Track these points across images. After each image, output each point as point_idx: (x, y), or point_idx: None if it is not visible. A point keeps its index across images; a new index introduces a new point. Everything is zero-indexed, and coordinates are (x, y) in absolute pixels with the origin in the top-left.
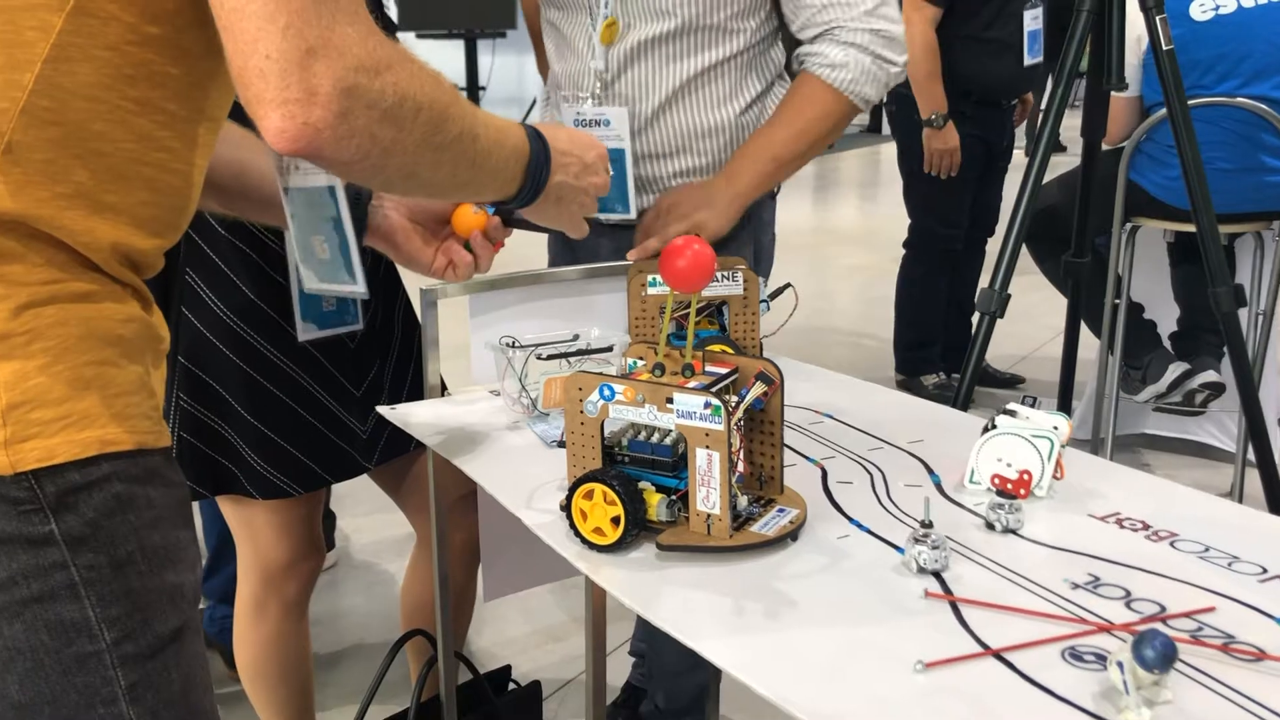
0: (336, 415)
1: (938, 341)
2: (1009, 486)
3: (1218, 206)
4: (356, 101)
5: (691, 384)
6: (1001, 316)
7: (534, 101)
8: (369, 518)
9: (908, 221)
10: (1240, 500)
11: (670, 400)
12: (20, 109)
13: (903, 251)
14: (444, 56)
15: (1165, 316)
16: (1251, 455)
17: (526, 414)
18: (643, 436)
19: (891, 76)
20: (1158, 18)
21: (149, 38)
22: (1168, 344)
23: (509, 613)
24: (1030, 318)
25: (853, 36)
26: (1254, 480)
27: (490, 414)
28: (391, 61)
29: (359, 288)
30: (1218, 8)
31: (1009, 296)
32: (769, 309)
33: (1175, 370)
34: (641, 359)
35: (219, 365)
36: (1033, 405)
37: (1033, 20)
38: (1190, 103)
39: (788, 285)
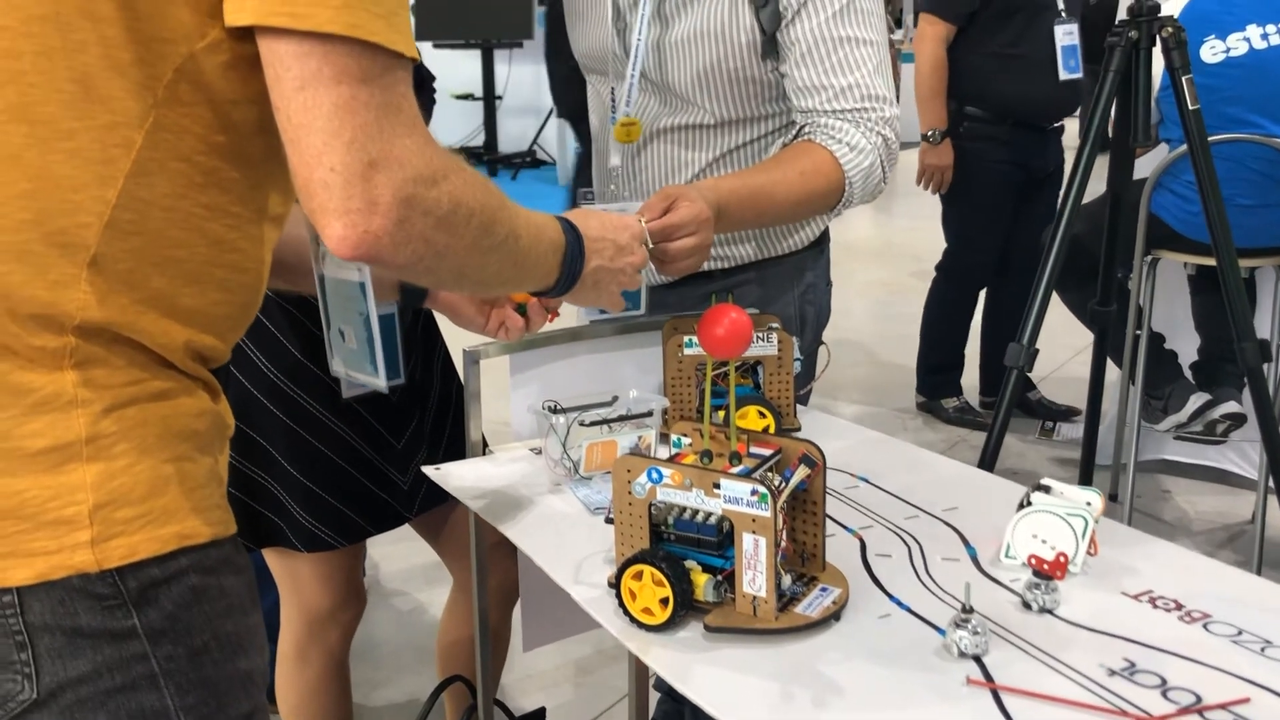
0: (378, 468)
1: (961, 366)
2: (1045, 567)
3: (1238, 241)
4: (414, 210)
5: (736, 469)
6: (1030, 371)
7: (550, 111)
8: (396, 545)
9: (925, 236)
10: (1263, 528)
11: (717, 485)
12: (105, 223)
13: (919, 266)
14: (461, 66)
15: (1185, 342)
16: (1273, 483)
17: (568, 477)
18: (688, 515)
19: (879, 185)
20: (1184, 78)
21: (217, 146)
22: (1188, 373)
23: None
24: (1050, 336)
25: (875, 128)
26: (1274, 509)
27: (532, 474)
28: (447, 171)
29: (380, 382)
30: (1228, 50)
31: (1037, 351)
32: (802, 368)
33: (1196, 401)
34: (686, 436)
35: (267, 423)
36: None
37: (1066, 35)
38: (1211, 139)
39: (822, 343)
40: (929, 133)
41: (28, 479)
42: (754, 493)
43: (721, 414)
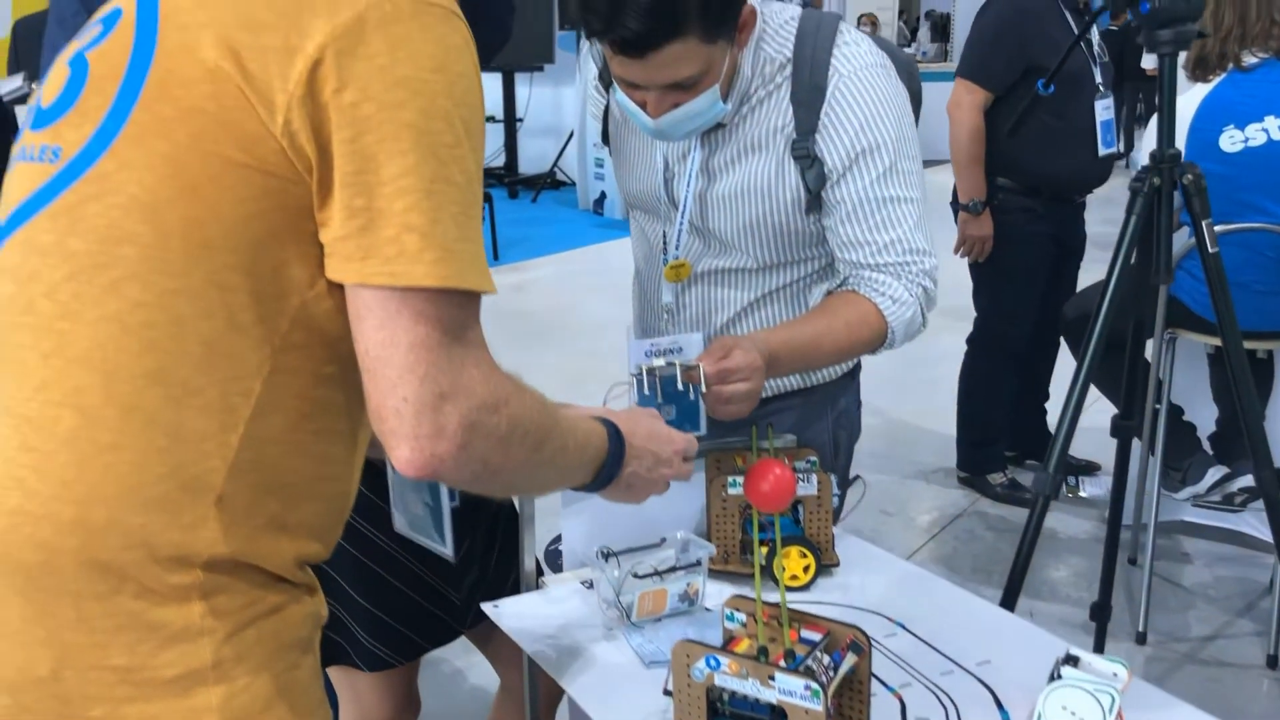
0: (436, 588)
1: (1002, 438)
2: None
3: (1254, 324)
4: (477, 435)
5: (785, 662)
6: (1055, 499)
7: (570, 133)
8: None
9: (954, 285)
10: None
11: (772, 678)
12: (230, 465)
13: (944, 312)
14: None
15: (1204, 409)
16: None
17: (621, 623)
18: (741, 694)
19: (919, 330)
20: (1204, 223)
21: (325, 378)
22: (1206, 445)
23: None
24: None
25: (916, 279)
26: None
27: (585, 613)
28: (508, 396)
29: (448, 552)
30: (1246, 140)
31: (1062, 479)
32: (840, 502)
33: (1215, 474)
34: (739, 611)
35: (336, 554)
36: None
37: (1104, 110)
38: (1219, 228)
39: (857, 477)
40: (969, 203)
41: (161, 704)
42: (807, 688)
43: (764, 549)
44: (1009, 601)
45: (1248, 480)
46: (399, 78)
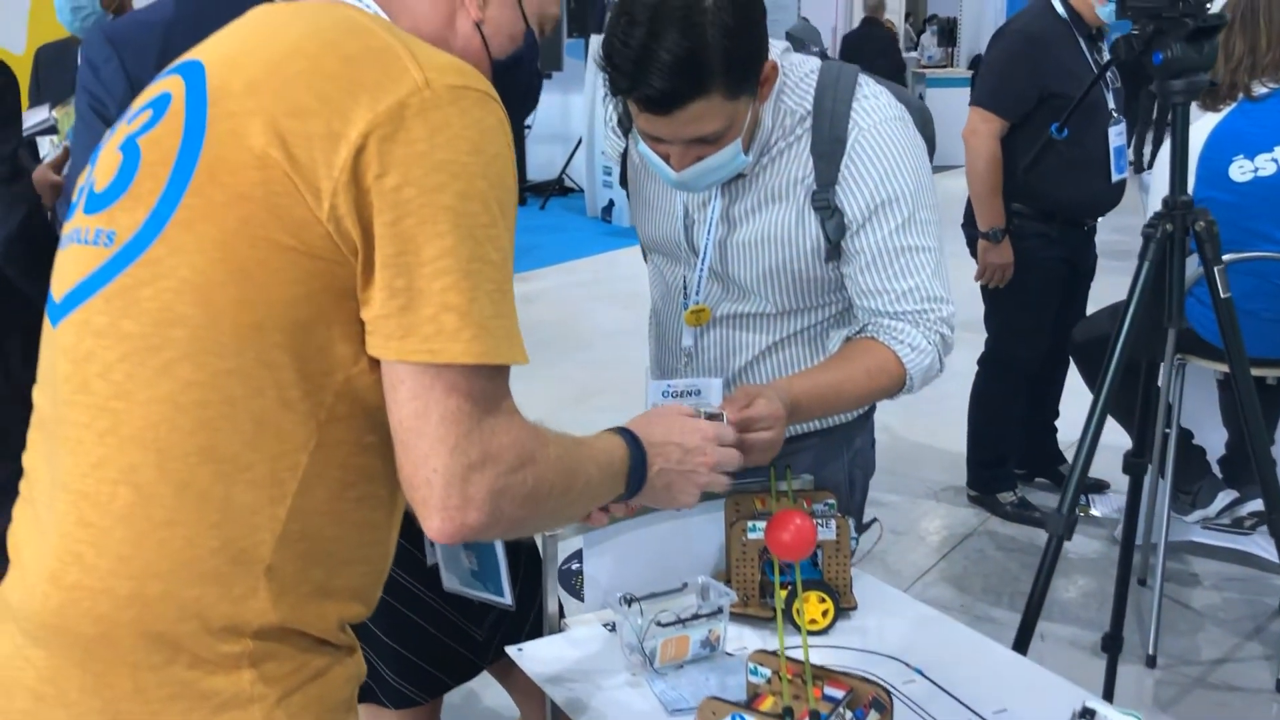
0: (460, 627)
1: (1012, 458)
2: None
3: (1264, 351)
4: (504, 499)
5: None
6: (1069, 539)
7: (579, 140)
8: None
9: (963, 297)
10: None
11: None
12: (277, 537)
13: (961, 340)
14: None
15: (1213, 432)
16: None
17: (644, 669)
18: None
19: (936, 375)
20: (1216, 269)
21: (367, 446)
22: (1216, 468)
23: None
24: (1075, 400)
25: (934, 327)
26: None
27: (608, 657)
28: (534, 454)
29: (506, 600)
30: (1256, 170)
31: (1076, 520)
32: (858, 543)
33: (1225, 499)
34: (763, 666)
35: None
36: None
37: (1117, 136)
38: (1229, 257)
39: (874, 520)
40: (989, 231)
41: None
42: None
43: (784, 593)
44: (1023, 642)
45: (1257, 504)
46: (438, 162)
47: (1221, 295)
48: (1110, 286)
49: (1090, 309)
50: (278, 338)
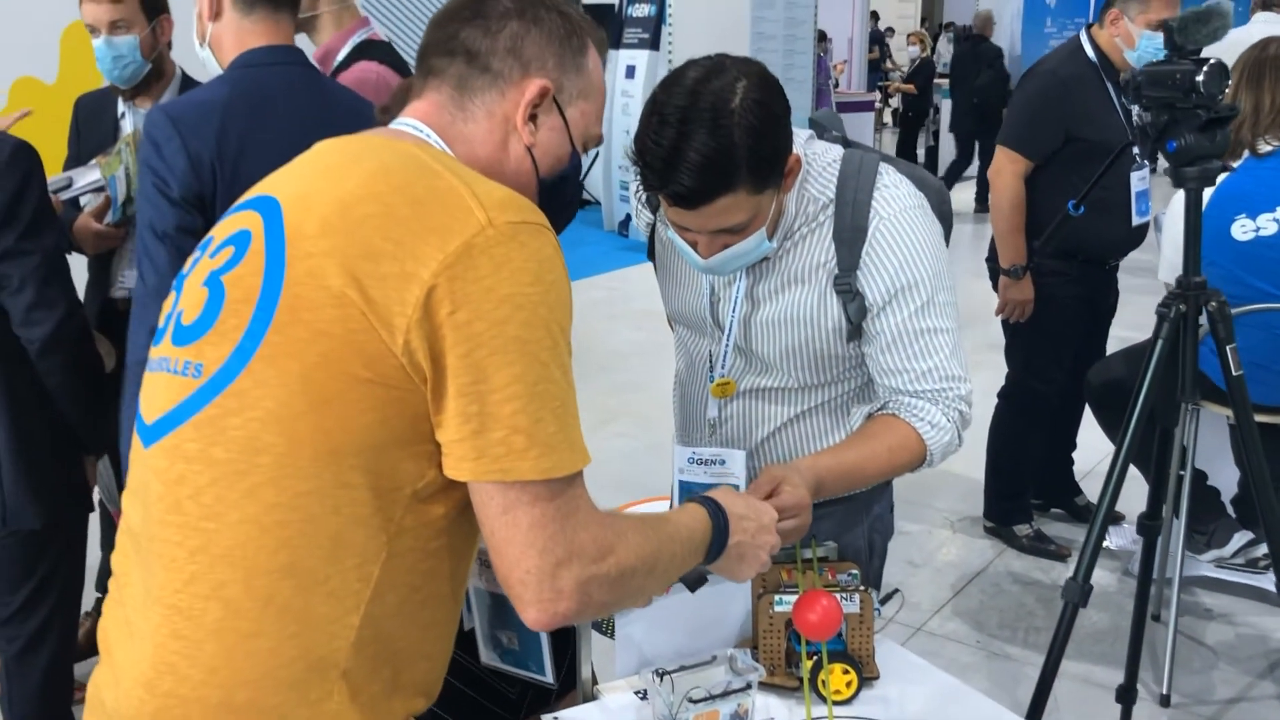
0: (493, 686)
1: (1029, 491)
2: None
3: (1275, 400)
4: (592, 587)
5: None
6: (1084, 606)
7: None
8: None
9: (975, 314)
10: None
11: None
12: (352, 643)
13: (980, 373)
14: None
15: (1223, 468)
16: None
17: None
18: None
19: (955, 450)
20: (1228, 347)
21: (431, 552)
22: (1230, 508)
23: None
24: (1093, 429)
25: (953, 404)
26: None
27: None
28: (615, 544)
29: (547, 679)
30: (1258, 230)
31: (1091, 588)
32: (880, 614)
33: (1240, 540)
34: None
35: None
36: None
37: (1140, 180)
38: (1237, 310)
39: (896, 591)
40: (1011, 268)
41: None
42: None
43: (810, 664)
44: (1037, 710)
45: None
46: (503, 295)
47: (1234, 374)
48: (1130, 314)
49: (1111, 346)
50: (353, 460)
